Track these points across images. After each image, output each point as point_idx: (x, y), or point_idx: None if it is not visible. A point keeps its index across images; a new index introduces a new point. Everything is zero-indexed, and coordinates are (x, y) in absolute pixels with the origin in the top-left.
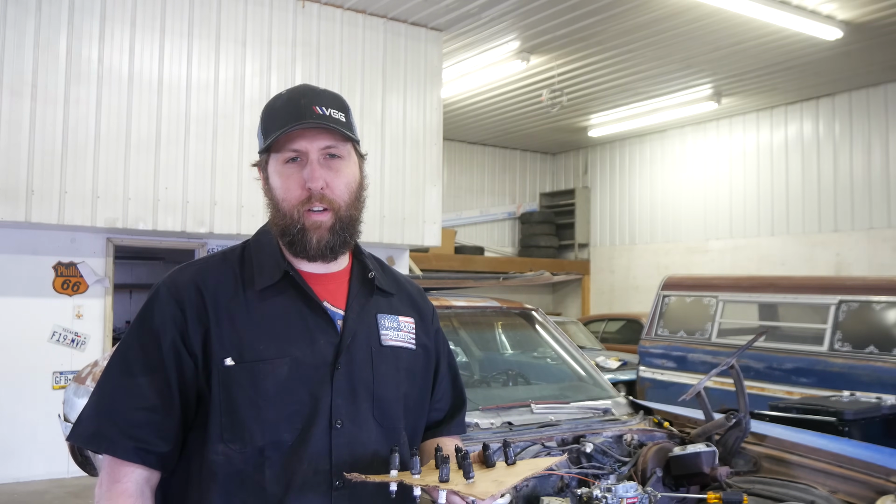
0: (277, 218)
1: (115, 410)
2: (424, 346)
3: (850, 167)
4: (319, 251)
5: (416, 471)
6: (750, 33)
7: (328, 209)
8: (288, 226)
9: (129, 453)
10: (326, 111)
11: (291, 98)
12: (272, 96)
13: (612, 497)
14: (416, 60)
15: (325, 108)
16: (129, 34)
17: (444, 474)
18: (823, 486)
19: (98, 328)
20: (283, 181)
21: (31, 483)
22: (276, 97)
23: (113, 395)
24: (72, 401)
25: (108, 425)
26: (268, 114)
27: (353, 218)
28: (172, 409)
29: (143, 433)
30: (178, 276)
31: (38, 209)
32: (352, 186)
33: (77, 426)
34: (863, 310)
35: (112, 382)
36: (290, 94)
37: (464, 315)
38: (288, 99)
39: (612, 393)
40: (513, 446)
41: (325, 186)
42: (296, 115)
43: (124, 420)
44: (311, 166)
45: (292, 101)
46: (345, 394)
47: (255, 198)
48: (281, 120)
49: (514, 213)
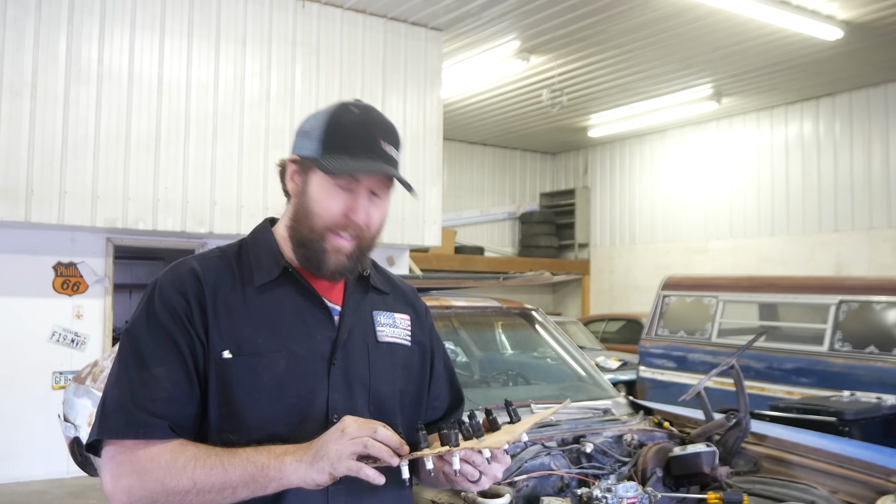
0: (302, 228)
1: (140, 401)
2: (420, 343)
3: (851, 167)
4: (331, 273)
5: (423, 444)
6: (750, 33)
7: (355, 238)
8: (311, 241)
9: (167, 432)
10: (390, 149)
11: (364, 124)
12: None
13: (612, 497)
14: (416, 60)
15: (389, 144)
16: (129, 34)
17: (453, 439)
18: (823, 486)
19: (98, 328)
20: (327, 200)
21: (30, 483)
22: (344, 109)
23: (132, 388)
24: (72, 401)
25: (139, 413)
26: (335, 128)
27: (371, 247)
28: (193, 393)
29: (173, 414)
30: (177, 269)
31: (38, 209)
32: (383, 222)
33: (103, 423)
34: (863, 310)
35: (129, 376)
36: (361, 118)
37: (464, 315)
38: (360, 123)
39: (612, 393)
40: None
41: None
42: (368, 148)
43: (152, 407)
44: (361, 201)
45: (364, 127)
46: (341, 389)
47: (255, 198)
48: (353, 146)
49: (514, 213)
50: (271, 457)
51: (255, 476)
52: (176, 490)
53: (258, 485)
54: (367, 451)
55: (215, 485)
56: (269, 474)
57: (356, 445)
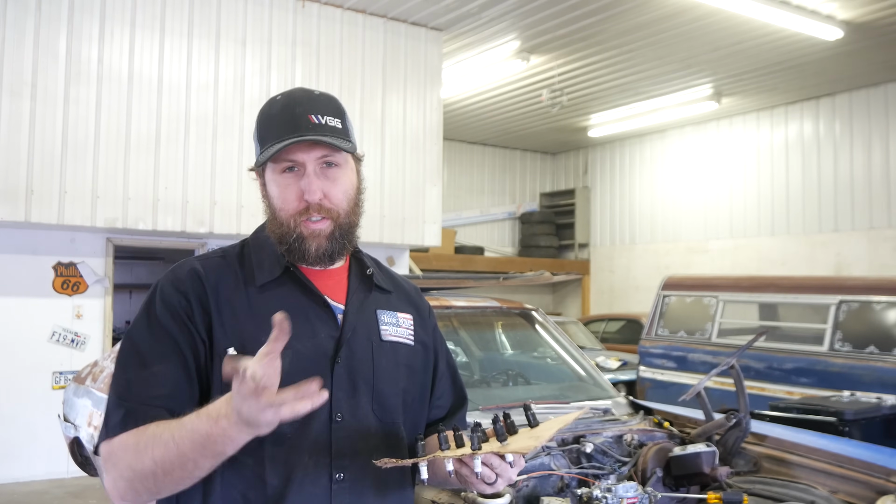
0: (275, 226)
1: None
2: (423, 342)
3: (851, 167)
4: (318, 258)
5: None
6: (750, 33)
7: (326, 218)
8: (285, 234)
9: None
10: (322, 119)
11: (287, 105)
12: (268, 99)
13: (612, 497)
14: (416, 60)
15: (321, 115)
16: (129, 34)
17: (475, 442)
18: (823, 486)
19: (98, 328)
20: (280, 191)
21: (30, 483)
22: (270, 102)
23: (131, 387)
24: (71, 401)
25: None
26: (263, 120)
27: (351, 224)
28: (192, 392)
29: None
30: (178, 270)
31: (38, 209)
32: (350, 194)
33: (106, 423)
34: (863, 310)
35: (128, 375)
36: (285, 101)
37: (464, 315)
38: (283, 106)
39: (612, 393)
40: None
41: (324, 197)
42: (292, 125)
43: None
44: (308, 178)
45: (287, 108)
46: (345, 387)
47: (255, 198)
48: (278, 129)
49: (514, 213)
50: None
51: (204, 444)
52: (143, 472)
53: (211, 451)
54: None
55: (173, 461)
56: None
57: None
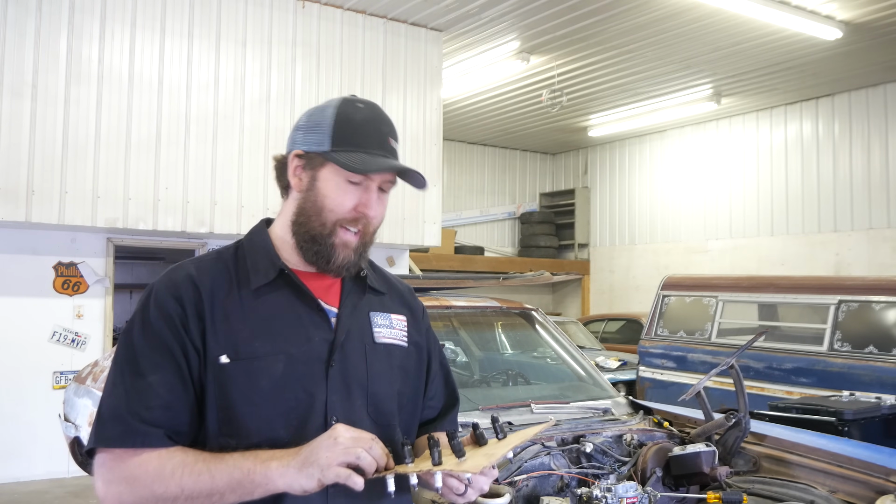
0: (312, 223)
1: (135, 410)
2: (417, 343)
3: (850, 167)
4: (338, 268)
5: (409, 460)
6: (750, 33)
7: (360, 233)
8: (321, 234)
9: (163, 440)
10: (396, 145)
11: (371, 120)
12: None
13: (612, 497)
14: (416, 60)
15: (396, 140)
16: (129, 34)
17: (436, 458)
18: (823, 486)
19: (98, 328)
20: (340, 195)
21: (31, 483)
22: (349, 104)
23: (128, 397)
24: (72, 401)
25: (135, 422)
26: (343, 124)
27: (371, 242)
28: (189, 400)
29: (169, 422)
30: (173, 274)
31: (39, 209)
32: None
33: (100, 431)
34: (863, 310)
35: (124, 384)
36: (369, 114)
37: (464, 315)
38: (368, 119)
39: (612, 393)
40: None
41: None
42: (377, 142)
43: (147, 415)
44: (372, 195)
45: (372, 123)
46: (339, 390)
47: (256, 198)
48: (364, 140)
49: (514, 213)
50: (257, 462)
51: (241, 481)
52: (164, 497)
53: (244, 490)
54: (359, 462)
55: (203, 491)
56: (254, 479)
57: (349, 456)
